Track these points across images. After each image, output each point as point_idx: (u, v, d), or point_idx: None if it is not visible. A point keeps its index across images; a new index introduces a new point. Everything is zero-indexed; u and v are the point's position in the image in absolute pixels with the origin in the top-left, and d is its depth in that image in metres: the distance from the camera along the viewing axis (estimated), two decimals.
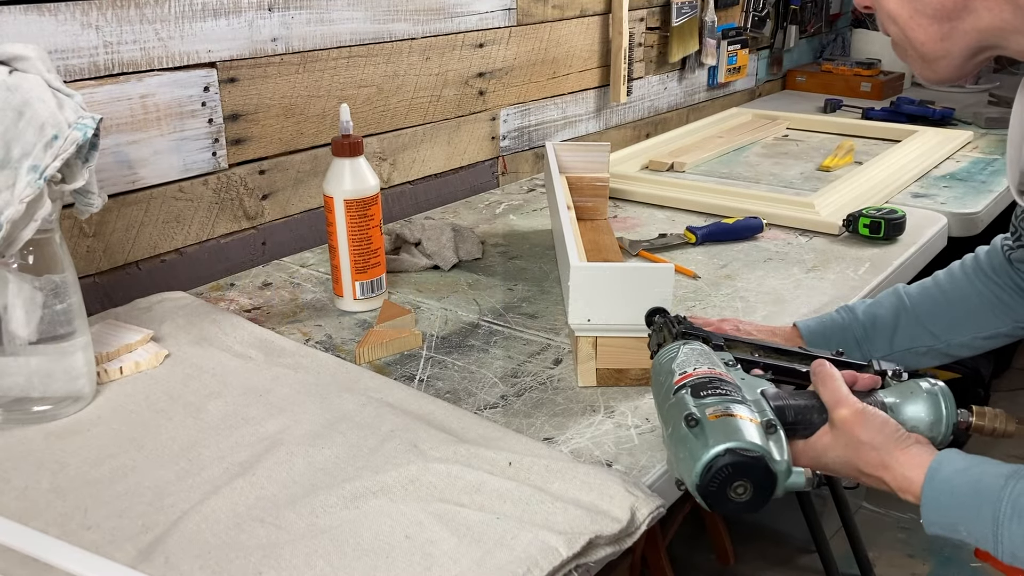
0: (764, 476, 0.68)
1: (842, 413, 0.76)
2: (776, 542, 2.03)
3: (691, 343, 0.82)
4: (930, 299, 1.06)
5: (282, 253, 1.41)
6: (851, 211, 1.44)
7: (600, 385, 0.99)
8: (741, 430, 0.69)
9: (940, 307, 1.05)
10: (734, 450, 0.67)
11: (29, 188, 0.85)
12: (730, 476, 0.67)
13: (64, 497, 0.79)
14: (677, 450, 0.71)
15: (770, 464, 0.68)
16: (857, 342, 1.04)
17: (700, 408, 0.71)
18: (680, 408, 0.72)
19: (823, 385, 0.78)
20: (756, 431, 0.69)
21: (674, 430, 0.72)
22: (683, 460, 0.70)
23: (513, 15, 1.72)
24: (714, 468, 0.67)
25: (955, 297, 1.05)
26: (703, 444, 0.68)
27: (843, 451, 0.76)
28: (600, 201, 1.49)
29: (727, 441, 0.68)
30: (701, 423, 0.70)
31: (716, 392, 0.72)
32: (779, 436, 0.71)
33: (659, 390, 0.79)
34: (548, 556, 0.70)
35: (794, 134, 2.14)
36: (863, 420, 0.75)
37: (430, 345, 1.09)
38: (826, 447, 0.77)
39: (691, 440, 0.69)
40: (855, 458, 0.75)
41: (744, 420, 0.70)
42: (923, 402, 0.78)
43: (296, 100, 1.38)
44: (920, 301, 1.05)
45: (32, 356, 0.90)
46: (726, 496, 0.68)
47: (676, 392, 0.74)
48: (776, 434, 0.71)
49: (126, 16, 1.15)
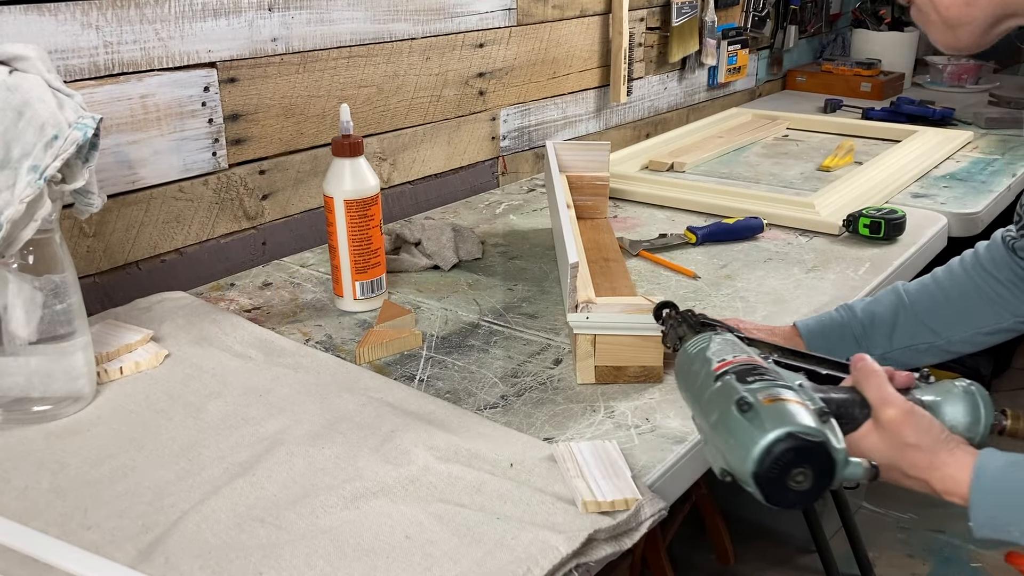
0: (825, 462, 0.64)
1: (889, 413, 0.73)
2: (776, 542, 2.03)
3: (722, 334, 0.79)
4: (929, 296, 1.06)
5: (282, 253, 1.41)
6: (851, 211, 1.44)
7: (599, 382, 0.99)
8: (797, 414, 0.65)
9: (939, 304, 1.05)
10: (794, 434, 0.63)
11: (29, 188, 0.85)
12: (791, 462, 0.63)
13: (64, 497, 0.79)
14: (726, 438, 0.67)
15: (831, 450, 0.64)
16: (856, 340, 1.04)
17: (751, 392, 0.67)
18: (728, 393, 0.68)
19: (866, 380, 0.75)
20: (811, 416, 0.66)
21: (721, 417, 0.68)
22: (734, 447, 0.66)
23: (513, 15, 1.72)
24: (774, 453, 0.63)
25: (954, 294, 1.05)
26: (759, 428, 0.64)
27: (888, 452, 0.73)
28: (600, 200, 1.49)
29: (786, 425, 0.64)
30: (755, 407, 0.66)
31: (763, 378, 0.69)
32: (832, 424, 0.67)
33: (693, 380, 0.75)
34: (548, 555, 0.70)
35: (794, 134, 2.14)
36: (912, 421, 0.72)
37: (430, 345, 1.09)
38: (871, 447, 0.74)
39: (744, 425, 0.65)
40: (900, 459, 0.73)
41: (798, 405, 0.66)
42: (961, 402, 0.76)
43: (296, 100, 1.38)
44: (919, 298, 1.05)
45: (32, 356, 0.90)
46: (785, 484, 0.64)
47: (719, 378, 0.71)
48: (829, 422, 0.67)
49: (126, 16, 1.15)
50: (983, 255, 1.06)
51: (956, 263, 1.08)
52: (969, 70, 2.68)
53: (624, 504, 0.76)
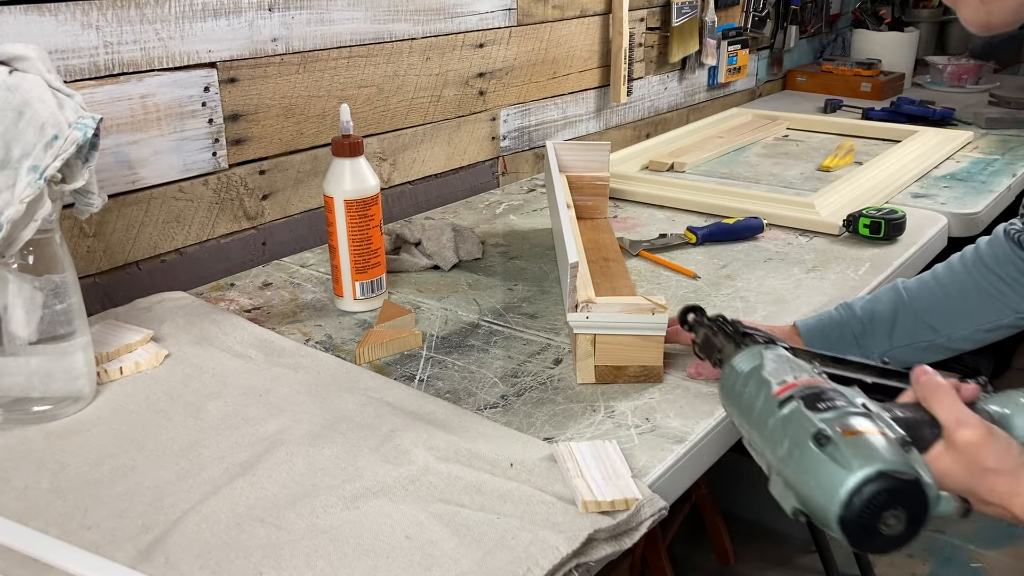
0: (919, 501, 0.58)
1: (966, 435, 0.66)
2: (776, 542, 2.03)
3: (772, 348, 0.73)
4: (929, 293, 1.05)
5: (282, 253, 1.41)
6: (851, 211, 1.44)
7: (599, 382, 0.99)
8: (884, 449, 0.58)
9: (939, 301, 1.04)
10: (887, 473, 0.57)
11: (29, 188, 0.85)
12: (884, 503, 0.57)
13: (64, 497, 0.79)
14: (801, 475, 0.60)
15: (924, 487, 0.58)
16: (855, 338, 1.04)
17: (827, 423, 0.60)
18: (800, 424, 0.61)
19: (934, 396, 0.69)
20: (896, 449, 0.59)
21: (793, 451, 0.61)
22: (814, 487, 0.59)
23: (513, 15, 1.72)
24: (864, 495, 0.56)
25: (954, 291, 1.04)
26: (844, 467, 0.58)
27: (965, 477, 0.66)
28: (600, 200, 1.49)
29: (875, 462, 0.57)
30: (834, 441, 0.59)
31: (833, 404, 0.62)
32: (917, 456, 0.61)
33: (749, 404, 0.69)
34: (548, 555, 0.70)
35: (794, 134, 2.14)
36: (991, 443, 0.65)
37: (430, 345, 1.09)
38: (944, 472, 0.66)
39: (824, 463, 0.59)
40: (978, 485, 0.66)
41: (880, 436, 0.59)
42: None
43: (296, 100, 1.38)
44: (919, 295, 1.05)
45: (32, 356, 0.90)
46: (876, 529, 0.57)
47: (783, 404, 0.64)
48: (913, 452, 0.61)
49: (126, 16, 1.15)
50: (984, 251, 1.05)
51: (956, 259, 1.07)
52: (969, 70, 2.68)
53: (624, 504, 0.76)
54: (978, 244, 1.07)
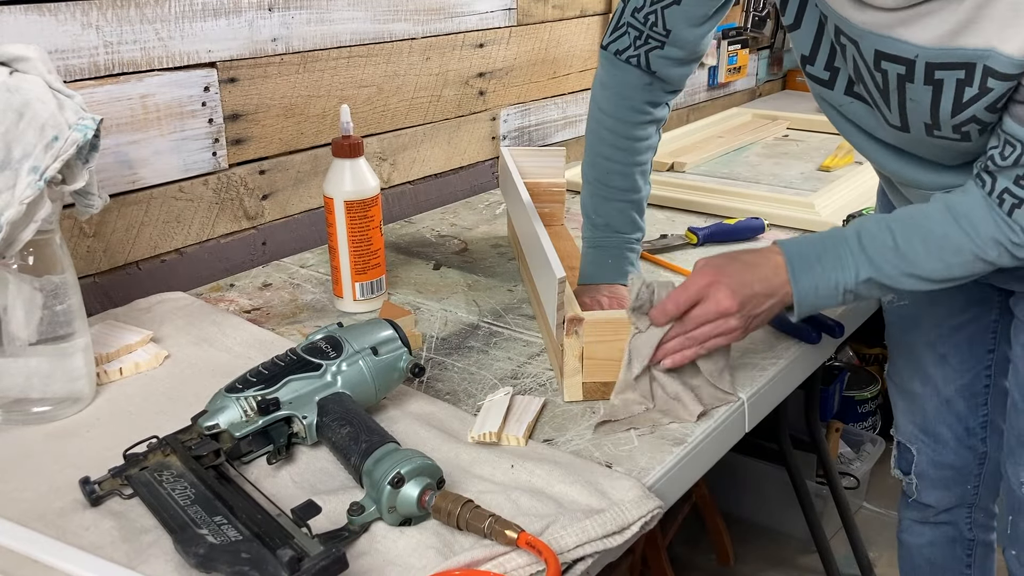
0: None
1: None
2: (776, 542, 2.03)
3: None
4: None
5: (282, 253, 1.41)
6: (851, 211, 1.44)
7: (587, 399, 0.96)
8: None
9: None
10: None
11: (29, 189, 0.85)
12: None
13: (64, 497, 0.79)
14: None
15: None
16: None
17: None
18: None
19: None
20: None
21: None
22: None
23: (513, 15, 1.72)
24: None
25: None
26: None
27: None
28: (557, 207, 1.44)
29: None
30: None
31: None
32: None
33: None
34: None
35: (794, 134, 2.14)
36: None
37: (430, 346, 1.09)
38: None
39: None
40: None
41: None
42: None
43: (296, 100, 1.38)
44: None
45: (32, 357, 0.90)
46: None
47: None
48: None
49: (126, 16, 1.15)
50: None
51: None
52: None
53: (491, 437, 0.86)
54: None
